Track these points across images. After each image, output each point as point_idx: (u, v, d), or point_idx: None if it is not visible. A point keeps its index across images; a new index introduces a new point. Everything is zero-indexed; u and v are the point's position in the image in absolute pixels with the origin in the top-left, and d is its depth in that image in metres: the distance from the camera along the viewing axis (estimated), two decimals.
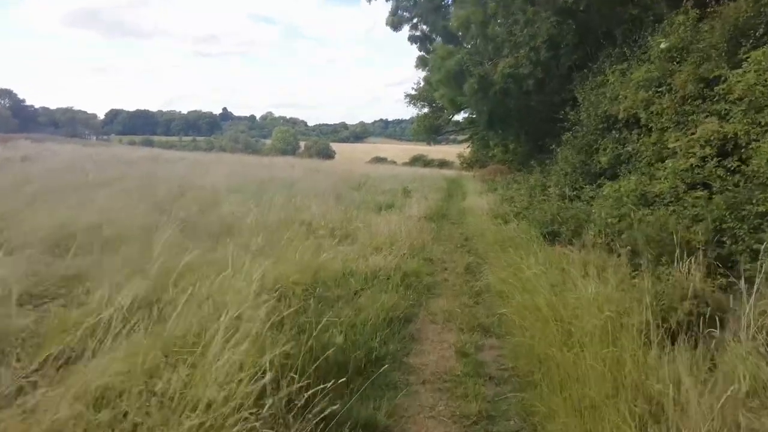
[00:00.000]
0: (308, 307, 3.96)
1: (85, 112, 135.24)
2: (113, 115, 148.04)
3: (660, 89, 7.16)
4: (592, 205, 8.52)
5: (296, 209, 9.26)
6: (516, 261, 6.08)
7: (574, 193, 9.13)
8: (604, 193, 7.84)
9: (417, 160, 62.91)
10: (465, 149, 36.95)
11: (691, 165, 5.83)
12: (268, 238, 6.49)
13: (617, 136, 8.14)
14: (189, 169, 18.44)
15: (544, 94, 16.56)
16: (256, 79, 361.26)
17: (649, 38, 8.15)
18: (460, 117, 27.69)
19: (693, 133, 6.10)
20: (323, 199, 11.16)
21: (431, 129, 26.77)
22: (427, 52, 17.66)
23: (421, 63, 18.96)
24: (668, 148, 6.60)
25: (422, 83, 26.10)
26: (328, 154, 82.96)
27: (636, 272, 5.22)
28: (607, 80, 8.79)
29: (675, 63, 7.11)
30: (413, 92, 26.85)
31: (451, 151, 53.48)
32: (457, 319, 4.60)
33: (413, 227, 8.79)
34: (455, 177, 30.10)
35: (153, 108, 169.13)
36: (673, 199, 6.00)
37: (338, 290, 4.77)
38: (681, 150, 6.09)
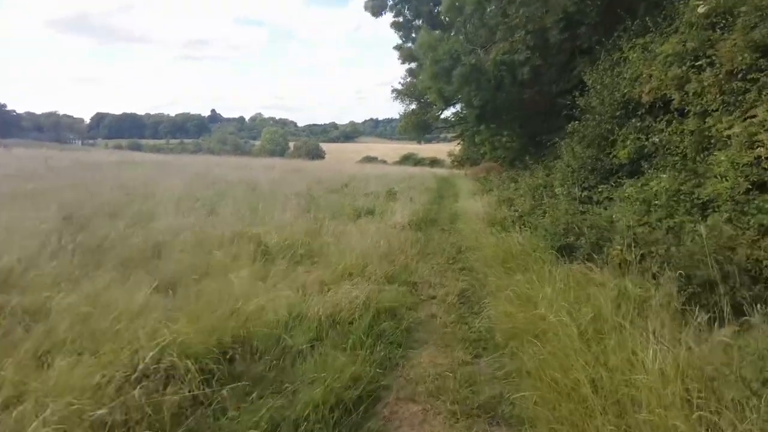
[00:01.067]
0: (209, 398, 2.42)
1: (71, 117, 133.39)
2: (99, 118, 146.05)
3: (698, 63, 5.70)
4: (606, 208, 7.16)
5: (254, 219, 7.71)
6: (525, 289, 4.59)
7: (585, 193, 7.68)
8: (625, 193, 6.40)
9: (407, 159, 61.93)
10: (455, 146, 35.64)
11: (757, 157, 4.37)
12: (198, 263, 4.96)
13: (639, 124, 6.68)
14: (156, 172, 16.78)
15: (541, 83, 15.16)
16: (245, 81, 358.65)
17: (679, 4, 6.69)
18: (449, 113, 26.22)
19: (753, 116, 4.64)
20: (295, 204, 9.63)
21: (419, 126, 25.18)
22: (412, 41, 16.00)
23: (406, 55, 17.32)
24: (714, 137, 5.14)
25: (409, 77, 24.60)
26: (318, 155, 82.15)
27: (693, 306, 3.79)
28: (626, 58, 7.32)
29: (716, 30, 5.66)
30: (400, 87, 25.34)
31: (442, 149, 52.56)
32: (449, 393, 3.07)
33: (395, 239, 7.28)
34: (446, 176, 28.67)
35: (141, 111, 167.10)
36: (728, 202, 4.55)
37: (274, 351, 3.24)
38: (738, 138, 4.63)
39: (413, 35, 16.40)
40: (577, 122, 8.63)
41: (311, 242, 6.28)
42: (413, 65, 20.24)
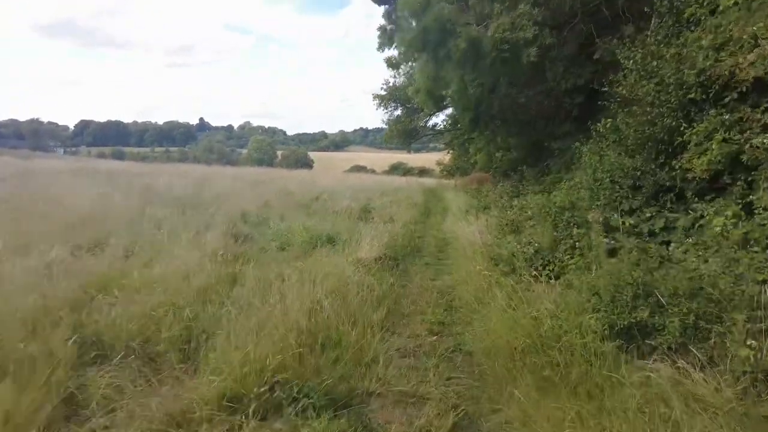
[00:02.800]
0: None
1: (55, 124, 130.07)
2: (83, 126, 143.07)
3: None
4: (666, 244, 4.91)
5: (146, 259, 5.20)
6: None
7: (628, 221, 5.30)
8: (714, 229, 3.99)
9: (396, 169, 60.63)
10: (444, 156, 33.47)
11: None
12: None
13: (727, 117, 4.29)
14: (98, 183, 14.06)
15: (547, 81, 12.83)
16: (234, 89, 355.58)
17: None
18: (438, 119, 23.96)
19: None
20: (222, 232, 7.10)
21: (405, 133, 22.90)
22: (392, 17, 13.37)
23: (386, 38, 14.64)
24: None
25: (392, 79, 22.29)
26: (306, 163, 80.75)
27: None
28: (700, 18, 4.95)
29: None
30: (383, 92, 22.99)
31: (432, 158, 50.89)
32: None
33: (354, 290, 4.80)
34: (435, 187, 26.28)
35: (128, 119, 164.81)
36: None
37: None
38: None
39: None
40: (609, 120, 6.26)
41: (200, 313, 3.74)
42: (396, 54, 17.77)
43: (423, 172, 52.48)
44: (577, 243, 5.29)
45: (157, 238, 6.29)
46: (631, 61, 5.83)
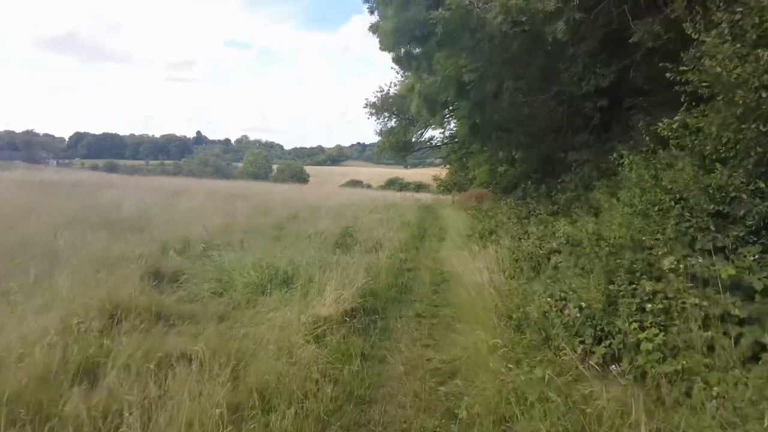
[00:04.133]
0: None
1: (52, 136, 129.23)
2: (78, 138, 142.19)
3: None
4: None
5: None
6: None
7: (726, 272, 3.41)
8: None
9: (393, 184, 59.54)
10: (441, 171, 31.76)
11: None
12: None
13: None
14: (31, 198, 12.08)
15: (560, 84, 11.04)
16: (231, 103, 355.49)
17: None
18: (435, 132, 22.18)
19: None
20: (154, 263, 5.16)
21: (399, 146, 21.05)
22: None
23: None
24: None
25: (386, 87, 20.56)
26: (302, 178, 79.72)
27: None
28: None
29: None
30: (375, 100, 21.19)
31: (429, 173, 49.46)
32: None
33: (293, 382, 2.88)
34: (431, 203, 24.37)
35: (125, 132, 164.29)
36: None
37: None
38: None
39: None
40: (677, 119, 4.41)
41: None
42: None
43: (419, 186, 50.97)
44: (648, 305, 3.37)
45: (29, 282, 4.35)
46: (714, 31, 3.99)
